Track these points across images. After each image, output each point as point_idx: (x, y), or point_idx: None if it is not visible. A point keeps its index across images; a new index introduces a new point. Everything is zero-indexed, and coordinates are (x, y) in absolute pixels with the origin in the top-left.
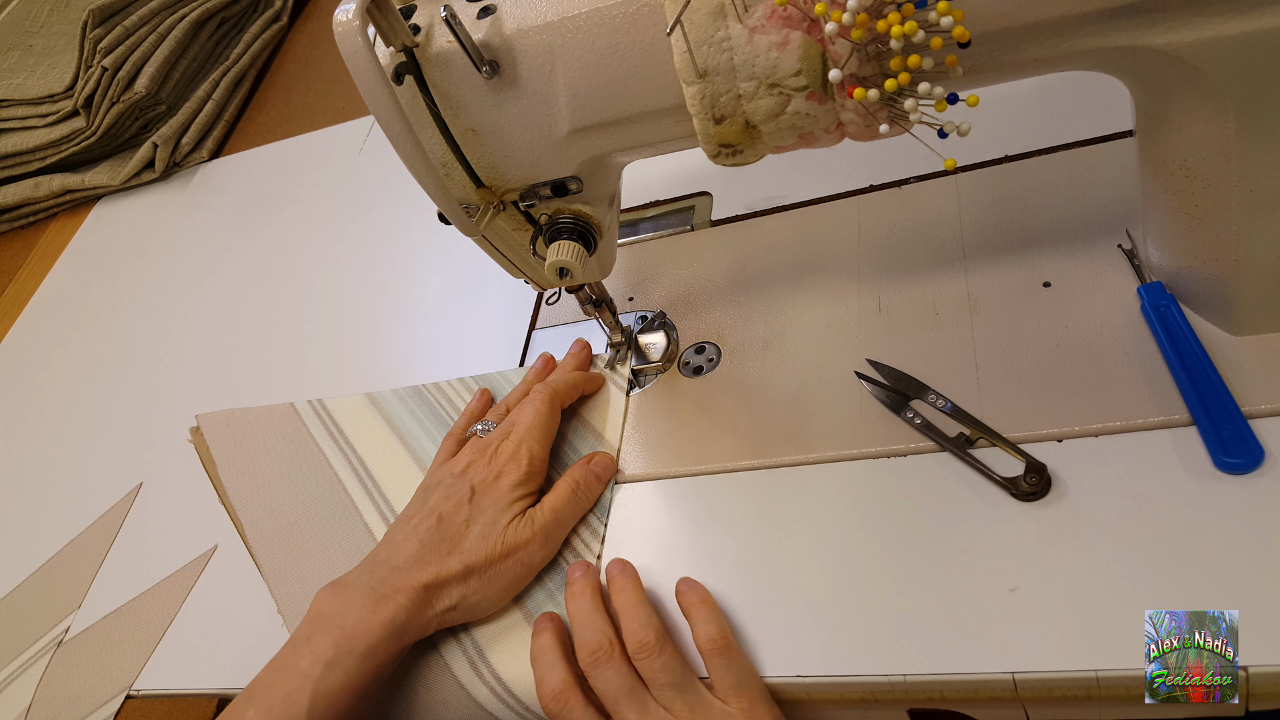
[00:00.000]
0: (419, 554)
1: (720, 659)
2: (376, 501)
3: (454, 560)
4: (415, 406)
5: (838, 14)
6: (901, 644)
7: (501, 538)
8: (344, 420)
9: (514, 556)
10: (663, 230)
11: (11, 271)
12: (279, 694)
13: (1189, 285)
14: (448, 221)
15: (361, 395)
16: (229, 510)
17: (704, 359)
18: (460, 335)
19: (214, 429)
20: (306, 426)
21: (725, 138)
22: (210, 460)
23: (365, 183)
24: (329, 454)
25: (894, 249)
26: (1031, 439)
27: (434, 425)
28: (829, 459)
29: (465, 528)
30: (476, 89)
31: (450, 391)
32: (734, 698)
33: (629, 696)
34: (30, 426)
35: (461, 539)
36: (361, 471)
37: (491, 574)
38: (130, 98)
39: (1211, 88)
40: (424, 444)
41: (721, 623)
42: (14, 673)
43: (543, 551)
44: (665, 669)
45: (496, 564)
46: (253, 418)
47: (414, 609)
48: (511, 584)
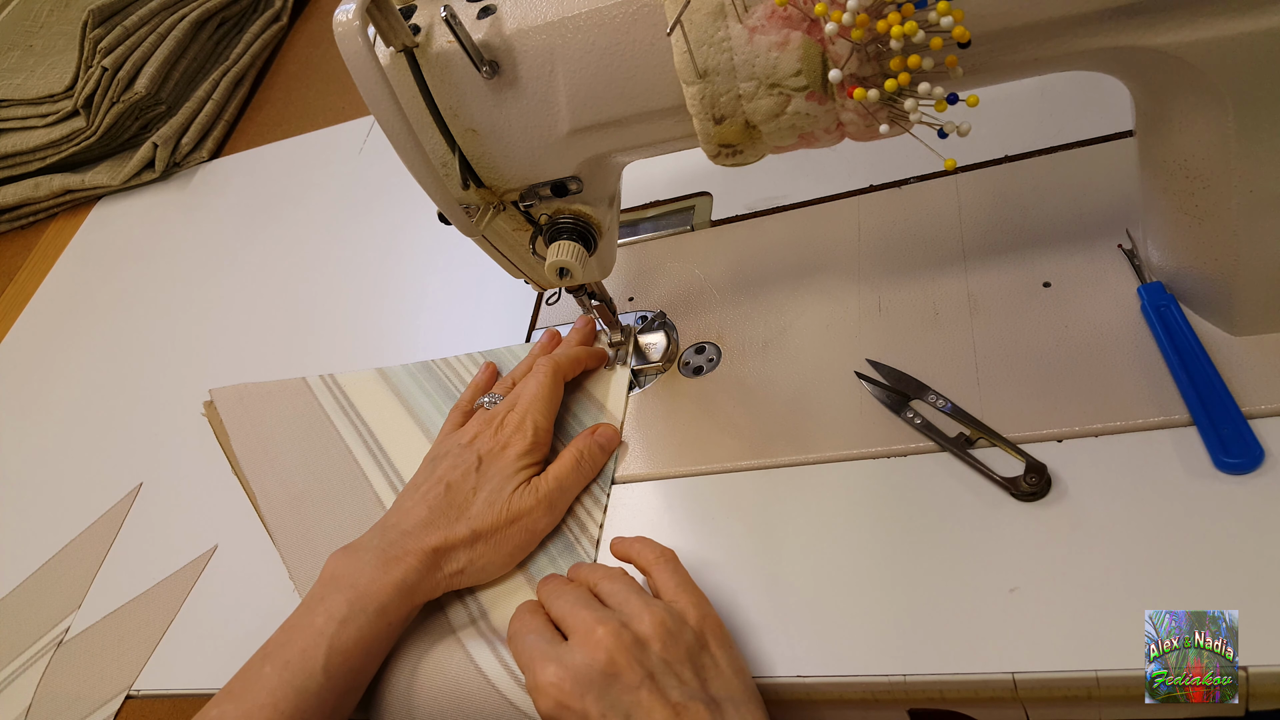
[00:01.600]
0: (428, 519)
1: (668, 566)
2: (385, 471)
3: (461, 525)
4: (424, 381)
5: (838, 14)
6: (901, 644)
7: (507, 505)
8: (354, 393)
9: (519, 523)
10: (663, 230)
11: (11, 271)
12: (295, 650)
13: (1189, 285)
14: (448, 221)
15: (372, 370)
16: (242, 481)
17: (704, 359)
18: (461, 335)
19: (227, 402)
20: (318, 399)
21: (725, 138)
22: (223, 432)
23: (365, 183)
24: (339, 426)
25: (894, 249)
26: (1031, 439)
27: (442, 399)
28: (829, 459)
29: (472, 495)
30: (476, 89)
31: (458, 366)
32: (681, 596)
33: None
34: (30, 426)
35: (469, 505)
36: (371, 442)
37: (498, 539)
38: (130, 98)
39: (1211, 88)
40: (432, 416)
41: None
42: (14, 673)
43: (547, 518)
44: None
45: (502, 530)
46: (265, 392)
47: (423, 570)
48: (516, 549)
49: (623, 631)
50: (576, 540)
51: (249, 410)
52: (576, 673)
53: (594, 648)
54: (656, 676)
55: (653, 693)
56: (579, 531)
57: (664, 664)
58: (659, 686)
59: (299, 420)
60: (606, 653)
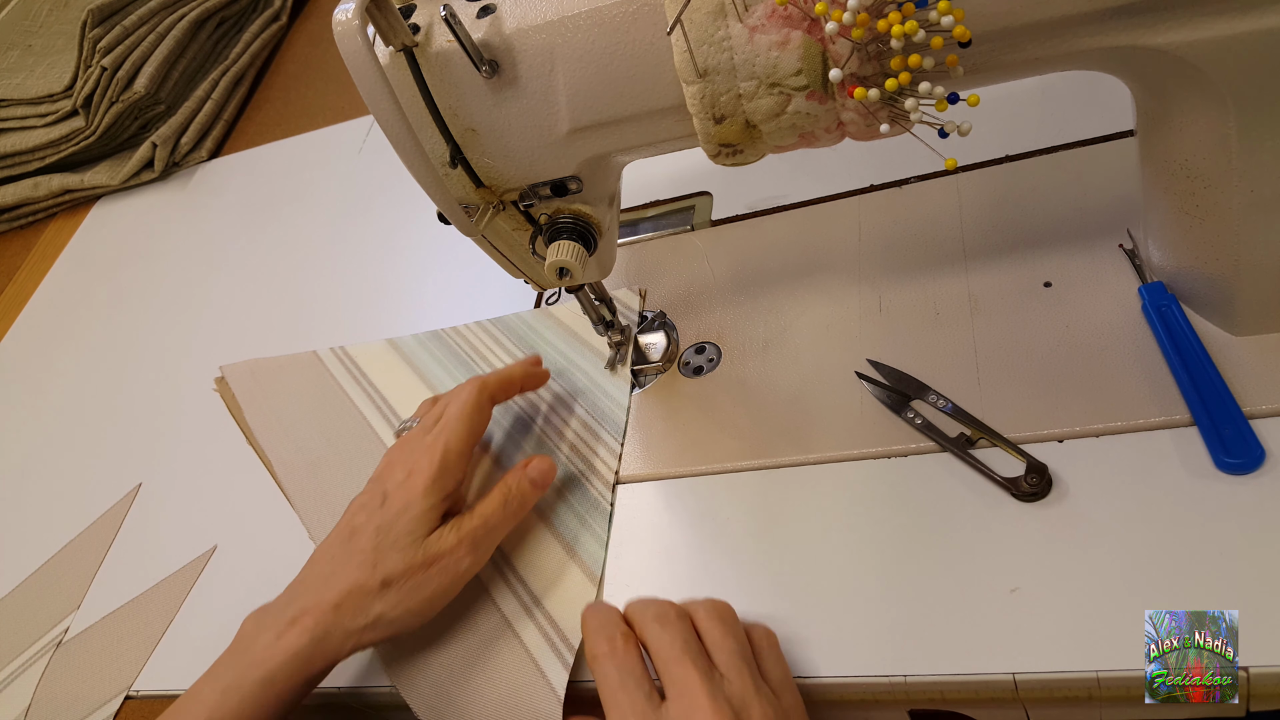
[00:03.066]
0: (329, 571)
1: (773, 652)
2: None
3: (367, 573)
4: (436, 349)
5: (838, 13)
6: (902, 644)
7: (423, 547)
8: (365, 363)
9: (438, 564)
10: (663, 230)
11: (10, 271)
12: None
13: (1190, 285)
14: (447, 221)
15: (382, 341)
16: (257, 450)
17: (704, 359)
18: None
19: (238, 377)
20: (330, 371)
21: (725, 137)
22: (236, 406)
23: (365, 183)
24: (352, 394)
25: (894, 249)
26: (1032, 439)
27: (455, 366)
28: (829, 459)
29: (377, 536)
30: (476, 89)
31: (468, 334)
32: (785, 693)
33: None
34: (29, 426)
35: (375, 550)
36: (385, 409)
37: (413, 584)
38: (129, 97)
39: (1212, 87)
40: (444, 382)
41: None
42: (14, 673)
43: (470, 558)
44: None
45: (417, 574)
46: (276, 365)
47: (321, 631)
48: (437, 593)
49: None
50: (591, 485)
51: (261, 384)
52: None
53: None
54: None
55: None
56: (594, 478)
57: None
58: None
59: (312, 390)
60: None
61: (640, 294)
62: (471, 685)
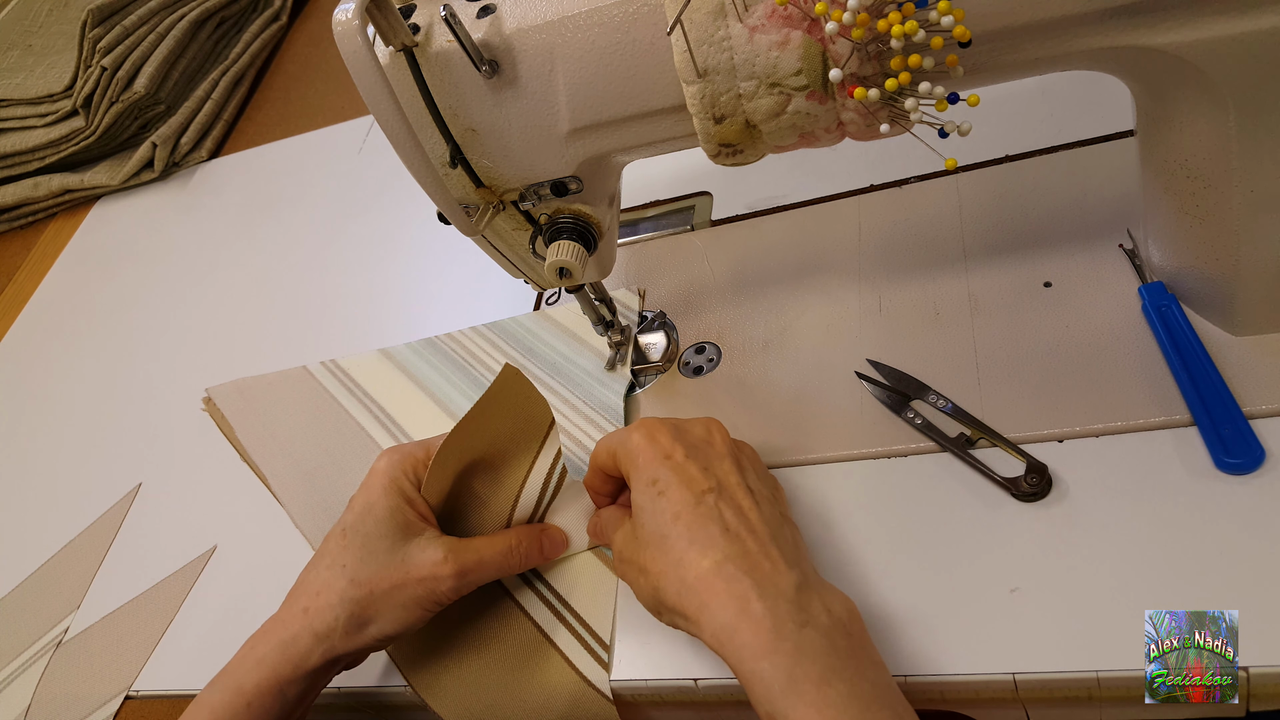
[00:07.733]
0: (303, 579)
1: (756, 461)
2: (400, 439)
3: (335, 574)
4: (430, 355)
5: (838, 13)
6: (902, 644)
7: (401, 551)
8: (359, 374)
9: (416, 575)
10: (663, 230)
11: (10, 271)
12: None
13: (1190, 285)
14: (447, 221)
15: (374, 351)
16: (251, 465)
17: (704, 359)
18: None
19: (226, 398)
20: (322, 385)
21: (725, 137)
22: (226, 424)
23: (365, 183)
24: (347, 405)
25: (894, 249)
26: (1032, 439)
27: (451, 371)
28: (829, 459)
29: (344, 537)
30: (476, 89)
31: (463, 339)
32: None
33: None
34: (29, 426)
35: (343, 550)
36: (383, 417)
37: (386, 589)
38: (129, 97)
39: (1212, 88)
40: (443, 388)
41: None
42: (13, 673)
43: (452, 583)
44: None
45: (394, 577)
46: (266, 384)
47: (288, 635)
48: (411, 602)
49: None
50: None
51: (250, 401)
52: (672, 427)
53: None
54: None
55: (734, 465)
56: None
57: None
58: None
59: (304, 405)
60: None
61: (640, 294)
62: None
